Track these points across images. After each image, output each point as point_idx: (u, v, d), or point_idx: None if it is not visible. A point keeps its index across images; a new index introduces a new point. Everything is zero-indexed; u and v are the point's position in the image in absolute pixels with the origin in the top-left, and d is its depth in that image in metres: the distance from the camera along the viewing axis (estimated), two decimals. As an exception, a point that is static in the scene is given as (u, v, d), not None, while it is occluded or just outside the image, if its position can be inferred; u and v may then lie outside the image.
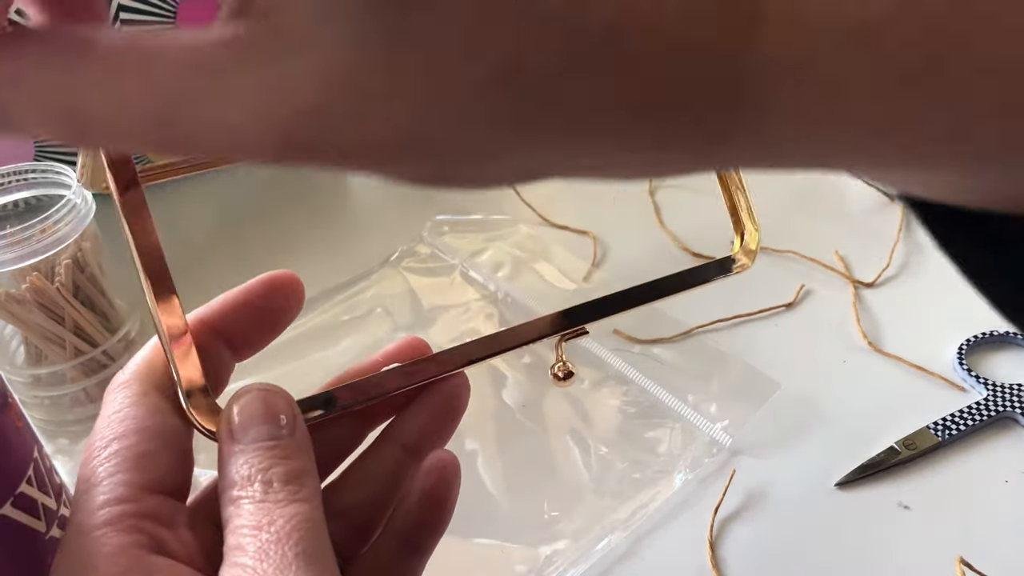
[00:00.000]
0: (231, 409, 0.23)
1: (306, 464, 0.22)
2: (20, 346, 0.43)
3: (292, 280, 0.26)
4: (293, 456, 0.22)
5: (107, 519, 0.21)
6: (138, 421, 0.22)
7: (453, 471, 0.26)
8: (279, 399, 0.23)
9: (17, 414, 0.25)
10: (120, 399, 0.23)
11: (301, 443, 0.22)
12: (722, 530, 0.39)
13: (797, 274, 0.53)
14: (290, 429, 0.22)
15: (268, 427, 0.22)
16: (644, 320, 0.49)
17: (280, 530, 0.20)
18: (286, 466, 0.21)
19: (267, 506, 0.21)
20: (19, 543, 0.24)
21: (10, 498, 0.24)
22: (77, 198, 0.41)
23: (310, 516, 0.21)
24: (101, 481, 0.21)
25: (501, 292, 0.51)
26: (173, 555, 0.21)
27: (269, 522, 0.20)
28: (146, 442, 0.22)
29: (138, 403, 0.23)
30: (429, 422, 0.27)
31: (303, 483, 0.21)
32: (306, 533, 0.20)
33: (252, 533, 0.20)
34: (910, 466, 0.41)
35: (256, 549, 0.20)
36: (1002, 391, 0.43)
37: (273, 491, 0.21)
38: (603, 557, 0.38)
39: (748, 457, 0.42)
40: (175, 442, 0.23)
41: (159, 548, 0.21)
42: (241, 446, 0.22)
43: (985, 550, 0.37)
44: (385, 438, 0.28)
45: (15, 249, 0.39)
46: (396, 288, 0.52)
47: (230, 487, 0.21)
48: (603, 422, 0.43)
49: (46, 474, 0.26)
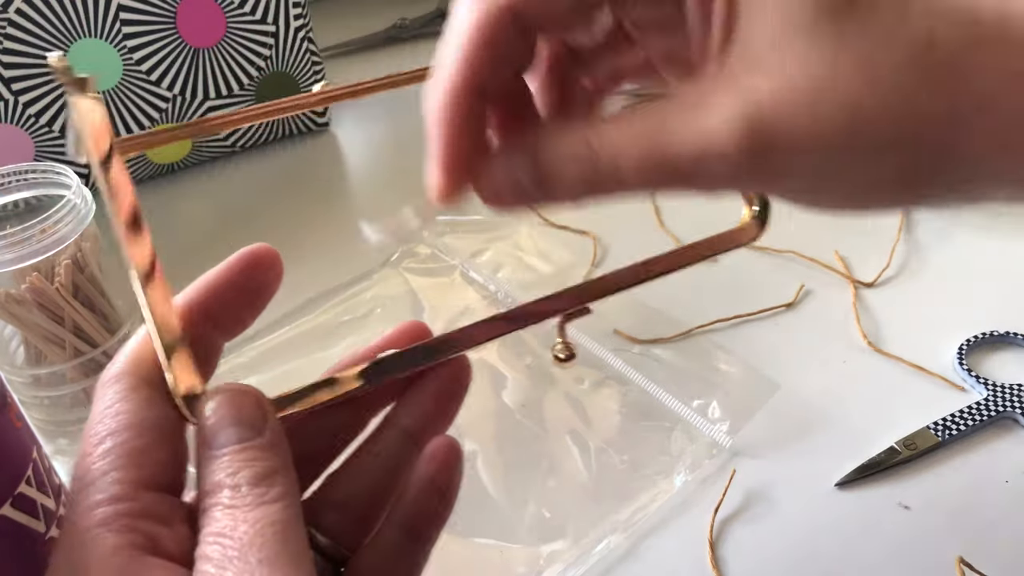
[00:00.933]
0: (202, 414, 0.22)
1: (276, 463, 0.22)
2: (20, 346, 0.43)
3: (270, 253, 0.25)
4: (262, 457, 0.21)
5: (102, 519, 0.21)
6: (131, 416, 0.22)
7: (455, 457, 0.26)
8: (247, 399, 0.22)
9: (16, 414, 0.25)
10: (111, 394, 0.23)
11: (272, 442, 0.22)
12: (722, 531, 0.39)
13: (797, 274, 0.53)
14: (258, 429, 0.22)
15: (236, 430, 0.22)
16: (644, 320, 0.49)
17: (243, 536, 0.20)
18: (254, 468, 0.21)
19: (233, 512, 0.20)
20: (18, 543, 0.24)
21: (9, 498, 0.24)
22: (77, 198, 0.41)
23: (278, 518, 0.20)
24: (96, 479, 0.21)
25: (501, 293, 0.51)
26: (168, 554, 0.21)
27: (233, 528, 0.20)
28: (139, 437, 0.22)
29: (129, 397, 0.22)
30: (431, 406, 0.27)
31: (272, 483, 0.21)
32: (271, 537, 0.20)
33: (218, 541, 0.20)
34: (910, 466, 0.41)
35: (220, 557, 0.20)
36: (1002, 391, 0.43)
37: (240, 495, 0.21)
38: (603, 558, 0.38)
39: (748, 458, 0.42)
40: (169, 436, 0.23)
41: (154, 548, 0.21)
42: (212, 451, 0.22)
43: (985, 550, 0.37)
44: (386, 424, 0.27)
45: (15, 249, 0.39)
46: (396, 288, 0.52)
47: (203, 496, 0.21)
48: (603, 422, 0.43)
49: (45, 474, 0.26)
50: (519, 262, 0.54)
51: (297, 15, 0.63)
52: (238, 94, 0.63)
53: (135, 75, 0.58)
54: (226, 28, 0.60)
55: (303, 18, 0.63)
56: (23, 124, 0.57)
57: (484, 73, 0.22)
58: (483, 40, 0.22)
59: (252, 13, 0.61)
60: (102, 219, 0.44)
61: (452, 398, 0.27)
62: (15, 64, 0.55)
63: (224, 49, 0.61)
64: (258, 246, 0.25)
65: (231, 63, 0.62)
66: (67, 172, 0.42)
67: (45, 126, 0.57)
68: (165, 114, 0.61)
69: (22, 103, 0.56)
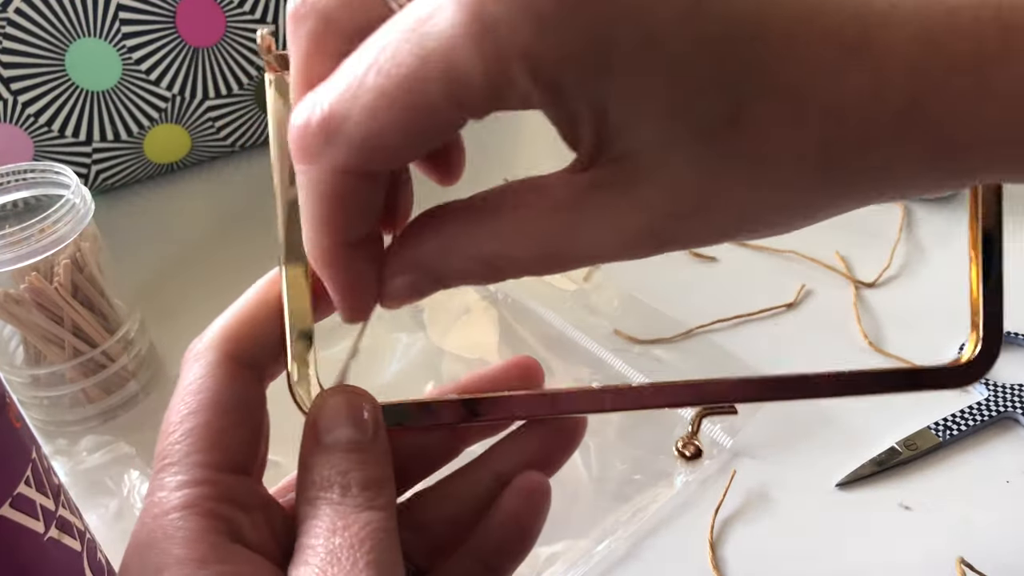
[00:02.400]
0: (316, 408, 0.22)
1: (384, 472, 0.22)
2: (19, 346, 0.43)
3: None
4: (373, 463, 0.22)
5: (184, 501, 0.20)
6: (213, 394, 0.22)
7: (542, 497, 0.25)
8: (364, 403, 0.23)
9: (15, 415, 0.25)
10: (196, 370, 0.22)
11: (382, 451, 0.22)
12: (723, 531, 0.39)
13: (798, 274, 0.53)
14: (373, 435, 0.22)
15: (351, 430, 0.22)
16: (644, 320, 0.49)
17: (354, 536, 0.20)
18: (365, 472, 0.21)
19: (343, 510, 0.21)
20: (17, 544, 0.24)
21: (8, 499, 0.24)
22: (76, 198, 0.41)
23: (384, 525, 0.21)
24: (178, 460, 0.21)
25: (501, 293, 0.51)
26: (247, 541, 0.21)
27: (344, 526, 0.20)
28: (221, 417, 0.22)
29: (214, 373, 0.22)
30: (533, 456, 0.25)
31: (380, 491, 0.21)
32: (378, 542, 0.20)
33: (325, 535, 0.20)
34: (911, 466, 0.41)
35: (328, 552, 0.20)
36: (1003, 391, 0.43)
37: (351, 495, 0.21)
38: (603, 558, 0.38)
39: (749, 458, 0.42)
40: (249, 417, 0.22)
41: (235, 534, 0.21)
42: (323, 447, 0.22)
43: (986, 551, 0.37)
44: (481, 464, 0.26)
45: (14, 249, 0.39)
46: (396, 288, 0.52)
47: (309, 486, 0.21)
48: (603, 423, 0.43)
49: (44, 475, 0.26)
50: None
51: (297, 15, 0.63)
52: (238, 94, 0.63)
53: (134, 75, 0.58)
54: (226, 28, 0.60)
55: (303, 18, 0.63)
56: (22, 124, 0.57)
57: (347, 229, 0.21)
58: (332, 209, 0.20)
59: (252, 13, 0.61)
60: (101, 219, 0.44)
61: (561, 452, 0.26)
62: (14, 64, 0.55)
63: (224, 49, 0.61)
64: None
65: (231, 63, 0.62)
66: (66, 172, 0.42)
67: (44, 126, 0.57)
68: (164, 114, 0.60)
69: (21, 103, 0.56)
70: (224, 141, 0.65)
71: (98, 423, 0.45)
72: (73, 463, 0.42)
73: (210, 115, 0.62)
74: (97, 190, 0.61)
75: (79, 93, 0.57)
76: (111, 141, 0.59)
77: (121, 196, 0.62)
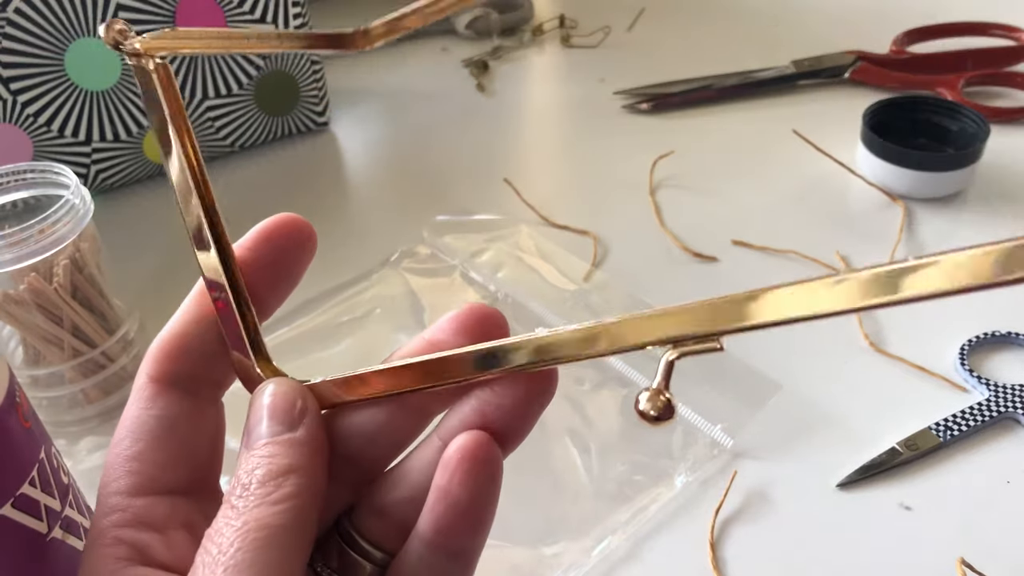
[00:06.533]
0: (249, 408, 0.22)
1: (296, 461, 0.20)
2: (18, 347, 0.43)
3: (297, 223, 0.23)
4: (282, 454, 0.20)
5: (95, 534, 0.20)
6: (129, 420, 0.22)
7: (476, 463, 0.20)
8: (283, 392, 0.21)
9: (25, 414, 0.25)
10: (129, 400, 0.22)
11: (301, 439, 0.20)
12: (723, 532, 0.39)
13: (797, 274, 0.52)
14: (290, 424, 0.20)
15: (267, 425, 0.21)
16: (644, 321, 0.49)
17: (224, 541, 0.19)
18: (270, 465, 0.20)
19: (231, 512, 0.19)
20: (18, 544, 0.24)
21: (10, 499, 0.24)
22: (75, 198, 0.41)
23: (272, 522, 0.19)
24: (101, 496, 0.21)
25: (501, 293, 0.51)
26: (159, 561, 0.20)
27: (219, 531, 0.19)
28: (136, 442, 0.21)
29: (135, 399, 0.22)
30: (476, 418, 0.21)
31: (283, 483, 0.19)
32: (251, 544, 0.18)
33: (204, 544, 0.19)
34: (912, 467, 0.41)
35: (199, 562, 0.19)
36: (1004, 392, 0.43)
37: (247, 494, 0.19)
38: (603, 559, 0.38)
39: (749, 459, 0.42)
40: (171, 437, 0.22)
41: (142, 557, 0.20)
42: (246, 446, 0.21)
43: (987, 551, 0.37)
44: (433, 434, 0.23)
45: (13, 249, 0.38)
46: (396, 289, 0.52)
47: None
48: (603, 423, 0.43)
49: (52, 474, 0.26)
50: (519, 262, 0.54)
51: (296, 14, 0.63)
52: (237, 94, 0.63)
53: (134, 75, 0.58)
54: (226, 27, 0.60)
55: (302, 17, 0.63)
56: (22, 124, 0.56)
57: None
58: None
59: (252, 12, 0.61)
60: (101, 219, 0.44)
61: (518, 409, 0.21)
62: (14, 63, 0.55)
63: (223, 49, 0.61)
64: (283, 217, 0.23)
65: (231, 63, 0.62)
66: (65, 172, 0.42)
67: (44, 126, 0.57)
68: (164, 114, 0.60)
69: (20, 102, 0.56)
70: (223, 141, 0.65)
71: (98, 423, 0.45)
72: (72, 463, 0.42)
73: (209, 115, 0.62)
74: (96, 190, 0.61)
75: (78, 93, 0.57)
76: (111, 141, 0.59)
77: (121, 196, 0.62)
